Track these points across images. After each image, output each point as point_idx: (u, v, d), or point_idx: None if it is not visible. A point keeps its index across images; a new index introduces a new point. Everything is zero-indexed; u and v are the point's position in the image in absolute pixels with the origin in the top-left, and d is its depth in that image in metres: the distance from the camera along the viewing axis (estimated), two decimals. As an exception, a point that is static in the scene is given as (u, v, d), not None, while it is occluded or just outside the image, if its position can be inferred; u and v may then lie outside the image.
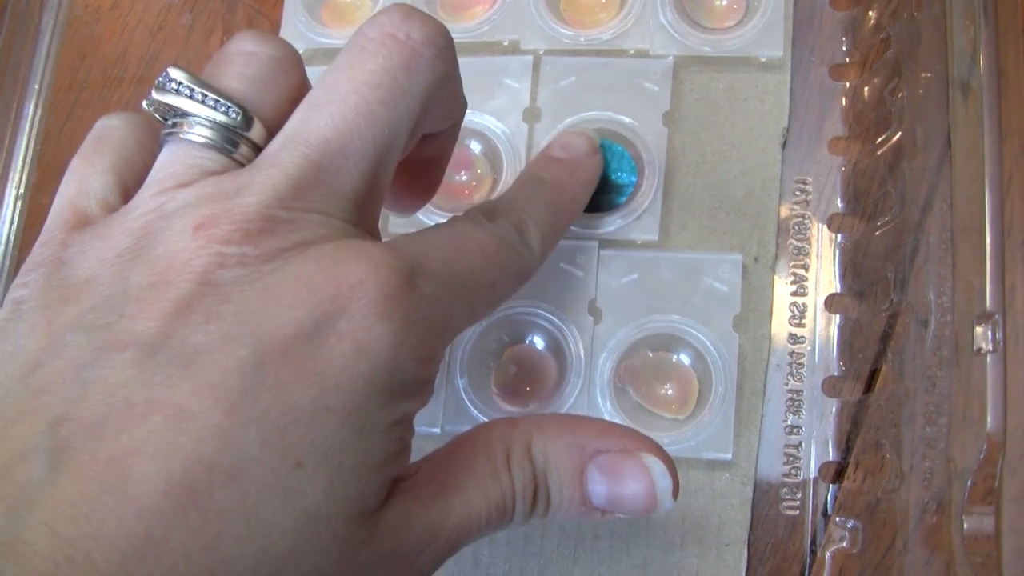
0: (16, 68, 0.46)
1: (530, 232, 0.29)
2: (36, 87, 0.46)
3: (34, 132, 0.46)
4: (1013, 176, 0.37)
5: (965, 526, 0.30)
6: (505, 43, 0.42)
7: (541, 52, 0.42)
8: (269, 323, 0.21)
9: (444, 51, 0.25)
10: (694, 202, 0.40)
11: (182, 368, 0.20)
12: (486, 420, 0.38)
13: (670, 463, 0.26)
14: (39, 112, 0.46)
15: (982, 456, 0.29)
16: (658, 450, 0.26)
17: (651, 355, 0.39)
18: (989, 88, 0.37)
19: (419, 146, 0.29)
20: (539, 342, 0.39)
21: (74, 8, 0.47)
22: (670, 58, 0.40)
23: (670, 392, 0.38)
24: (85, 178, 0.25)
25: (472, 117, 0.41)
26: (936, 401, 0.37)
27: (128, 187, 0.25)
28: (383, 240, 0.25)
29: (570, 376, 0.38)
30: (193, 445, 0.19)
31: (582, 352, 0.38)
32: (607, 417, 0.38)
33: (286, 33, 0.44)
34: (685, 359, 0.38)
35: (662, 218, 0.39)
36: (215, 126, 0.24)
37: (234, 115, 0.24)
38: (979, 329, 0.31)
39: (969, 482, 0.30)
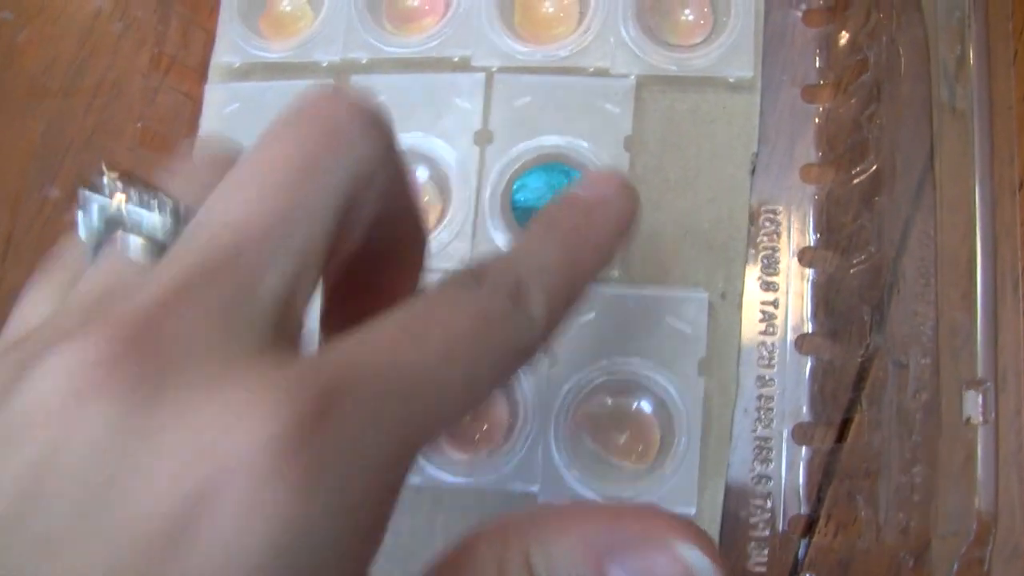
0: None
1: (529, 296, 0.22)
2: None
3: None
4: (1003, 201, 0.34)
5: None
6: (455, 59, 0.39)
7: (494, 69, 0.39)
8: (125, 515, 0.16)
9: (374, 128, 0.21)
10: (657, 233, 0.37)
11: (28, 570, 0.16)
12: (433, 468, 0.35)
13: (706, 541, 0.20)
14: (-44, 128, 0.43)
15: (971, 538, 0.27)
16: (689, 529, 0.20)
17: (609, 401, 0.36)
18: (980, 109, 0.34)
19: (371, 240, 0.23)
20: (489, 385, 0.37)
21: (-6, 15, 0.44)
22: (632, 77, 0.38)
23: (630, 441, 0.35)
24: (33, 300, 0.21)
25: (418, 140, 0.38)
26: (913, 448, 0.34)
27: None
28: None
29: (522, 422, 0.35)
30: None
31: (536, 396, 0.36)
32: (563, 468, 0.35)
33: (221, 45, 0.41)
34: (646, 406, 0.36)
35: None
36: (147, 231, 0.20)
37: (170, 218, 0.20)
38: (969, 395, 0.28)
39: (956, 566, 0.27)
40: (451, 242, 0.37)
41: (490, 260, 0.23)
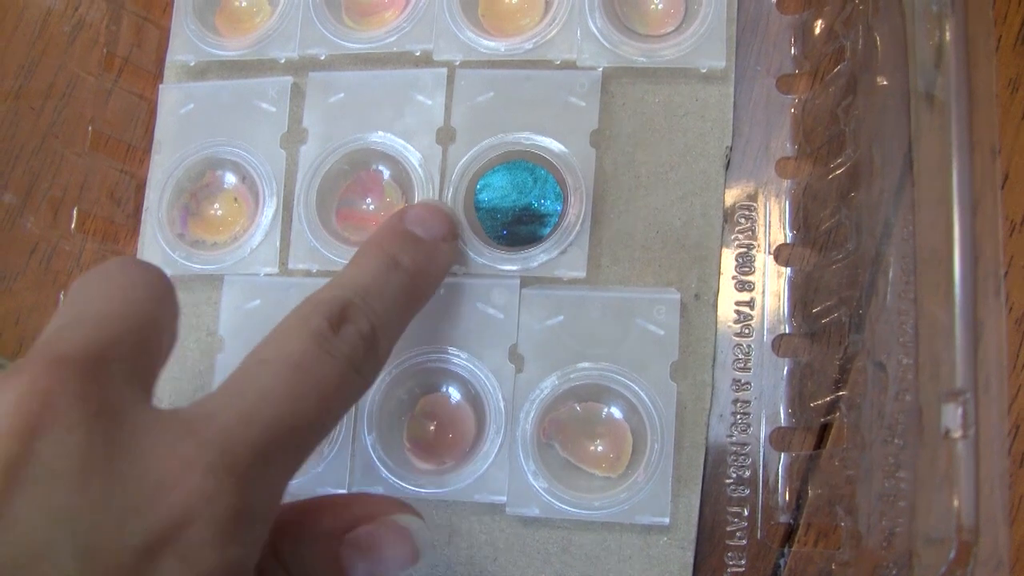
0: None
1: (379, 342, 0.27)
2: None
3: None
4: (985, 197, 0.33)
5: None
6: (416, 54, 0.38)
7: (456, 64, 0.37)
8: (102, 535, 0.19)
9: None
10: (627, 232, 0.35)
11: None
12: (397, 479, 0.34)
13: (419, 514, 0.26)
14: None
15: (952, 556, 0.25)
16: (405, 506, 0.26)
17: (579, 407, 0.34)
18: (958, 97, 0.33)
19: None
20: (455, 393, 0.35)
21: (-61, 15, 0.43)
22: (599, 69, 0.36)
23: (600, 448, 0.34)
24: None
25: (380, 138, 0.37)
26: (896, 452, 0.33)
27: None
28: None
29: (489, 430, 0.34)
30: None
31: (502, 403, 0.34)
32: (531, 477, 0.34)
33: (176, 43, 0.40)
34: (617, 412, 0.34)
35: (590, 251, 0.35)
36: None
37: None
38: (948, 408, 0.27)
39: (941, 577, 0.26)
40: (414, 245, 0.36)
41: (345, 298, 0.26)
